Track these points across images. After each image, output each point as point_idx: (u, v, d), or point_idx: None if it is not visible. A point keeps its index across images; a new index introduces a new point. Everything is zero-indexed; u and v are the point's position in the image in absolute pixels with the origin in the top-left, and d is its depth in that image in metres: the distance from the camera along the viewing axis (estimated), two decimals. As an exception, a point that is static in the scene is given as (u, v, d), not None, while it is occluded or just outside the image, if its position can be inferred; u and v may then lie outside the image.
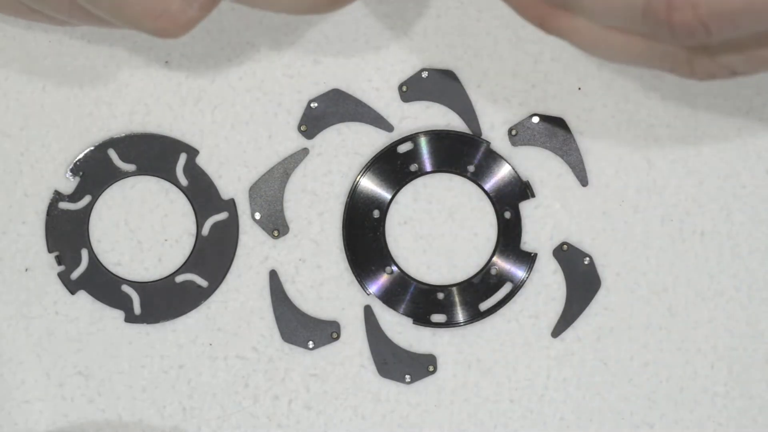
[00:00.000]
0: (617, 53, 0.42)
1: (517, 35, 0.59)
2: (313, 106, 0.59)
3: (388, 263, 0.59)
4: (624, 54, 0.42)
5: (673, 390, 0.58)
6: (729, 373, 0.58)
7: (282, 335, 0.58)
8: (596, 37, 0.42)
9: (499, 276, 0.59)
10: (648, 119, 0.59)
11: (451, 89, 0.59)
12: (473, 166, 0.59)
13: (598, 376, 0.59)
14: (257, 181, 0.59)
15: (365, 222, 0.59)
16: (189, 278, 0.59)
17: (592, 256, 0.58)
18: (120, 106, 0.59)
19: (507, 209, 0.59)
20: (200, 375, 0.59)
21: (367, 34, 0.59)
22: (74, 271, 0.59)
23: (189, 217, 0.59)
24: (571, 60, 0.59)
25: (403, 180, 0.59)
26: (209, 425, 0.58)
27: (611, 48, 0.42)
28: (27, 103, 0.59)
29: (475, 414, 0.59)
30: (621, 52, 0.42)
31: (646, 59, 0.43)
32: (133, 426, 0.58)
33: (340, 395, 0.59)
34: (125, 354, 0.59)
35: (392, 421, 0.58)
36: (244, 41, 0.59)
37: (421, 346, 0.59)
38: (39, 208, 0.59)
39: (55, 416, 0.58)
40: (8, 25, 0.59)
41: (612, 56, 0.42)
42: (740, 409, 0.58)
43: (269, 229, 0.59)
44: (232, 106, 0.59)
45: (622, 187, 0.59)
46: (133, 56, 0.59)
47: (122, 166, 0.59)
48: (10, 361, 0.59)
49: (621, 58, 0.42)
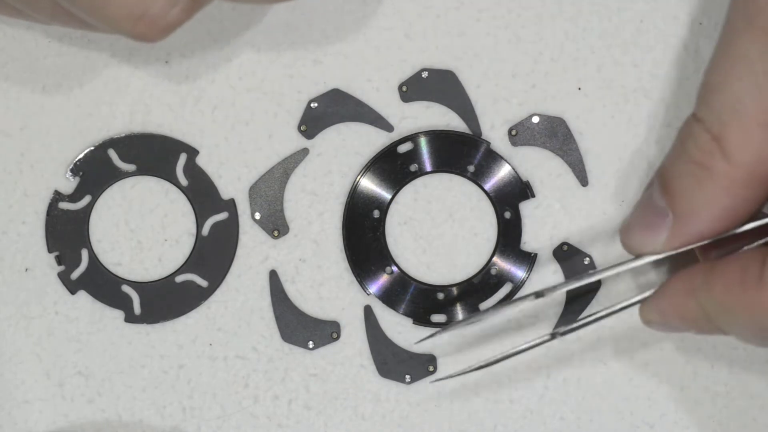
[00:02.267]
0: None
1: (517, 35, 0.59)
2: (313, 106, 0.59)
3: (388, 263, 0.59)
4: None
5: (673, 390, 0.58)
6: (729, 373, 0.58)
7: (282, 335, 0.58)
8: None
9: (499, 276, 0.59)
10: (648, 119, 0.59)
11: (451, 89, 0.59)
12: (473, 166, 0.59)
13: (598, 376, 0.59)
14: (257, 181, 0.59)
15: (365, 222, 0.59)
16: (189, 278, 0.59)
17: (592, 256, 0.58)
18: (120, 106, 0.59)
19: (507, 209, 0.59)
20: (200, 375, 0.59)
21: (367, 34, 0.59)
22: (74, 271, 0.59)
23: (189, 217, 0.59)
24: (571, 60, 0.59)
25: (403, 180, 0.59)
26: (209, 425, 0.58)
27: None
28: (27, 103, 0.59)
29: (475, 414, 0.59)
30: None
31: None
32: (133, 426, 0.58)
33: (340, 395, 0.59)
34: (125, 354, 0.59)
35: (392, 421, 0.58)
36: (244, 41, 0.59)
37: (421, 346, 0.59)
38: (39, 208, 0.59)
39: (55, 416, 0.58)
40: (8, 26, 0.59)
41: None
42: (740, 409, 0.58)
43: (269, 229, 0.59)
44: (232, 106, 0.59)
45: (622, 187, 0.59)
46: (133, 56, 0.59)
47: (122, 166, 0.59)
48: (10, 361, 0.59)
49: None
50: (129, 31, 0.48)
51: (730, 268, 0.48)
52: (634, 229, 0.51)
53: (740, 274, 0.48)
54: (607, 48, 0.59)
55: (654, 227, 0.50)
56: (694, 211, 0.49)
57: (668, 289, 0.51)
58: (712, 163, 0.48)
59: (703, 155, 0.48)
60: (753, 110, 0.47)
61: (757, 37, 0.47)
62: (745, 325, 0.48)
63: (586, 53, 0.59)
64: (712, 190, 0.49)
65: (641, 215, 0.51)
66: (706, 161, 0.48)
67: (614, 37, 0.59)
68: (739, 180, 0.48)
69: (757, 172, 0.48)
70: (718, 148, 0.48)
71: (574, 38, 0.59)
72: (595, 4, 0.59)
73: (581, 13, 0.59)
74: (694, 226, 0.49)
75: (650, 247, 0.51)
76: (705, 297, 0.49)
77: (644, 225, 0.51)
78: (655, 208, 0.51)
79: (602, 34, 0.59)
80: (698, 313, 0.50)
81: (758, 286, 0.47)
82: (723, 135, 0.48)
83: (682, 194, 0.49)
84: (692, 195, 0.49)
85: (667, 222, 0.50)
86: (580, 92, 0.59)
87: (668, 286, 0.51)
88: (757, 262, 0.48)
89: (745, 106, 0.47)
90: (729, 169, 0.48)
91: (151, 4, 0.48)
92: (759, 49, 0.47)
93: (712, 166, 0.48)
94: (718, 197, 0.49)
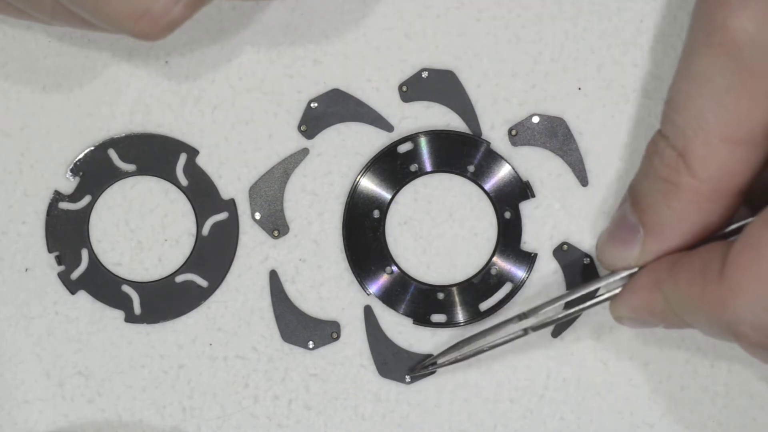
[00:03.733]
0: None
1: (517, 35, 0.59)
2: (313, 106, 0.59)
3: (388, 263, 0.59)
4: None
5: (673, 390, 0.58)
6: (729, 373, 0.58)
7: (282, 335, 0.58)
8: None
9: (499, 276, 0.59)
10: (648, 119, 0.59)
11: (451, 89, 0.59)
12: (473, 166, 0.59)
13: (598, 376, 0.59)
14: (257, 181, 0.59)
15: (365, 222, 0.59)
16: (189, 278, 0.59)
17: (592, 256, 0.58)
18: (120, 106, 0.59)
19: (507, 209, 0.59)
20: (200, 375, 0.59)
21: (367, 34, 0.59)
22: (74, 271, 0.59)
23: (189, 217, 0.59)
24: (571, 60, 0.59)
25: (403, 180, 0.59)
26: (209, 425, 0.58)
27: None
28: (27, 103, 0.59)
29: (475, 414, 0.59)
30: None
31: None
32: (133, 426, 0.58)
33: (340, 395, 0.59)
34: (125, 354, 0.59)
35: (392, 421, 0.58)
36: (244, 41, 0.59)
37: (421, 346, 0.59)
38: (39, 208, 0.59)
39: (55, 416, 0.58)
40: (8, 25, 0.59)
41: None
42: (740, 409, 0.58)
43: (269, 229, 0.59)
44: (232, 106, 0.59)
45: (622, 187, 0.59)
46: (133, 56, 0.59)
47: (122, 166, 0.59)
48: (10, 361, 0.59)
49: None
50: (131, 29, 0.48)
51: (693, 262, 0.49)
52: (608, 245, 0.53)
53: (702, 268, 0.49)
54: (607, 48, 0.59)
55: (627, 242, 0.52)
56: (663, 225, 0.51)
57: (636, 284, 0.52)
58: (678, 179, 0.50)
59: (669, 171, 0.50)
60: (715, 126, 0.49)
61: (716, 54, 0.48)
62: (707, 318, 0.49)
63: (586, 53, 0.59)
64: (679, 204, 0.50)
65: (615, 231, 0.53)
66: (672, 177, 0.50)
67: (614, 37, 0.59)
68: (704, 194, 0.49)
69: (721, 186, 0.49)
70: (683, 164, 0.49)
71: (574, 38, 0.59)
72: (595, 4, 0.59)
73: (581, 13, 0.59)
74: (664, 240, 0.51)
75: (624, 262, 0.52)
76: (670, 290, 0.50)
77: (618, 240, 0.52)
78: (628, 224, 0.52)
79: (602, 34, 0.59)
80: (665, 307, 0.51)
81: (719, 280, 0.48)
82: (687, 151, 0.49)
83: (651, 209, 0.51)
84: (661, 210, 0.50)
85: (639, 237, 0.51)
86: (580, 92, 0.59)
87: (635, 281, 0.52)
88: (719, 255, 0.48)
89: (708, 122, 0.49)
90: (694, 183, 0.49)
91: (153, 2, 0.47)
92: (718, 66, 0.48)
93: (678, 182, 0.50)
94: (685, 212, 0.50)
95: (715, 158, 0.49)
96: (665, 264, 0.51)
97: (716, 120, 0.48)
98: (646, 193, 0.51)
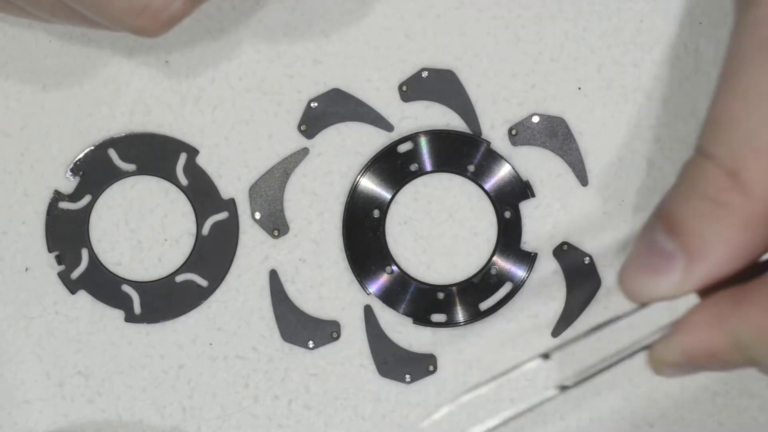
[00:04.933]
0: None
1: (517, 35, 0.59)
2: (313, 106, 0.59)
3: (388, 263, 0.59)
4: None
5: (673, 390, 0.58)
6: (729, 373, 0.58)
7: (282, 335, 0.58)
8: None
9: (499, 276, 0.59)
10: (648, 119, 0.59)
11: (451, 89, 0.59)
12: (473, 165, 0.59)
13: (598, 376, 0.58)
14: (257, 181, 0.59)
15: (365, 222, 0.59)
16: (189, 278, 0.59)
17: (592, 256, 0.58)
18: (120, 106, 0.59)
19: (507, 209, 0.59)
20: (200, 375, 0.59)
21: (367, 34, 0.59)
22: (74, 271, 0.59)
23: (189, 217, 0.59)
24: (571, 60, 0.59)
25: (403, 180, 0.59)
26: (209, 425, 0.58)
27: None
28: (27, 103, 0.59)
29: (475, 414, 0.59)
30: None
31: None
32: (133, 426, 0.58)
33: (340, 395, 0.58)
34: (125, 354, 0.59)
35: (392, 421, 0.58)
36: (244, 41, 0.59)
37: (421, 346, 0.59)
38: (39, 208, 0.59)
39: (55, 416, 0.58)
40: (8, 25, 0.59)
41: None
42: (740, 409, 0.58)
43: (269, 229, 0.59)
44: (232, 106, 0.59)
45: (622, 187, 0.59)
46: (133, 56, 0.59)
47: (122, 166, 0.59)
48: (10, 361, 0.58)
49: None
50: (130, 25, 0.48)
51: (766, 290, 0.46)
52: (638, 275, 0.49)
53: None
54: (607, 48, 0.59)
55: (662, 270, 0.48)
56: (710, 248, 0.47)
57: (691, 323, 0.48)
58: (728, 199, 0.46)
59: (718, 191, 0.46)
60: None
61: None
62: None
63: (586, 53, 0.59)
64: (730, 225, 0.47)
65: (645, 260, 0.49)
66: (722, 197, 0.46)
67: (614, 37, 0.59)
68: (757, 214, 0.46)
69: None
70: (734, 184, 0.46)
71: (574, 38, 0.59)
72: (595, 4, 0.59)
73: (581, 13, 0.59)
74: (710, 265, 0.47)
75: (662, 291, 0.48)
76: (738, 324, 0.47)
77: (650, 269, 0.48)
78: (661, 251, 0.48)
79: (602, 34, 0.59)
80: (729, 345, 0.47)
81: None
82: (740, 170, 0.46)
83: (695, 232, 0.47)
84: (708, 232, 0.47)
85: (678, 263, 0.47)
86: (580, 92, 0.59)
87: (690, 320, 0.48)
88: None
89: (761, 140, 0.46)
90: (747, 203, 0.46)
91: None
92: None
93: (729, 202, 0.46)
94: (736, 233, 0.47)
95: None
96: (726, 297, 0.47)
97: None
98: (689, 215, 0.47)
